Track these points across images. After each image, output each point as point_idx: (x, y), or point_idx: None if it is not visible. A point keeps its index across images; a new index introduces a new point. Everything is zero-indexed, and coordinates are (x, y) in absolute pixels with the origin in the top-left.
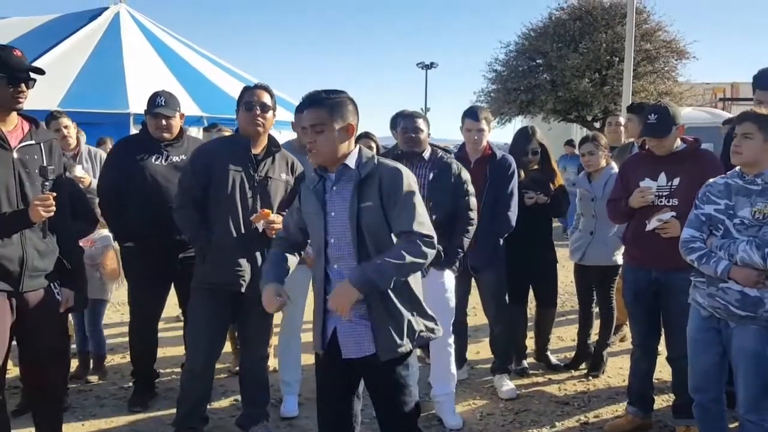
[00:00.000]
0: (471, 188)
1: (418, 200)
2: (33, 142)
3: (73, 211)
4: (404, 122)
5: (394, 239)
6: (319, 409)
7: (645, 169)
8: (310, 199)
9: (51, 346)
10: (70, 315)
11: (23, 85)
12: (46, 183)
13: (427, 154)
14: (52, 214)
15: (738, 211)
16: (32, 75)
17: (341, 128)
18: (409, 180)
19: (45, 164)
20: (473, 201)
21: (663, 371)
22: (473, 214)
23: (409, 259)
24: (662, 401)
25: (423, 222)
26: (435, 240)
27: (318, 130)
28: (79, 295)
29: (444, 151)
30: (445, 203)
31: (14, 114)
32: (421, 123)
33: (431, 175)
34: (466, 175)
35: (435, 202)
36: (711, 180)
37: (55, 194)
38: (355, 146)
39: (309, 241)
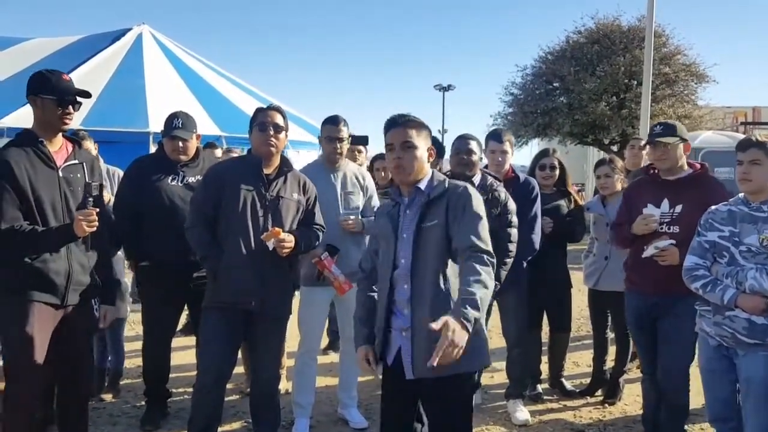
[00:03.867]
0: (515, 219)
1: (484, 221)
2: (77, 161)
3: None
4: (457, 144)
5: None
6: (382, 424)
7: (648, 194)
8: (384, 222)
9: (86, 360)
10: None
11: (71, 107)
12: (90, 199)
13: (477, 179)
14: (95, 229)
15: (744, 239)
16: (78, 98)
17: (426, 149)
18: (478, 201)
19: (88, 181)
20: (515, 233)
21: None
22: (513, 247)
23: (489, 282)
24: None
25: (485, 238)
26: (494, 259)
27: (408, 146)
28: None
29: (494, 178)
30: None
31: (59, 135)
32: (473, 146)
33: None
34: (512, 206)
35: None
36: (713, 207)
37: (98, 209)
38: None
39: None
